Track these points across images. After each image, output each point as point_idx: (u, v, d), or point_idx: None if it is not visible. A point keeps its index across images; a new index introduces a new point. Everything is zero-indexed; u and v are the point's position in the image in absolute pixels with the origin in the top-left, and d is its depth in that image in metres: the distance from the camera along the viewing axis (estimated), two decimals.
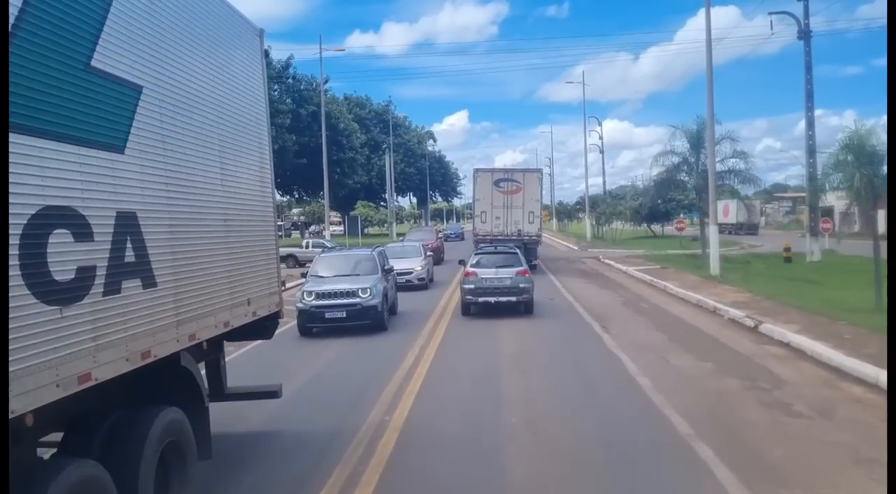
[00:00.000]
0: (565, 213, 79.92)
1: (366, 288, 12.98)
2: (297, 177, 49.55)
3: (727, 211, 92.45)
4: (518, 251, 16.82)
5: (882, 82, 22.22)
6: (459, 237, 52.62)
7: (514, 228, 25.47)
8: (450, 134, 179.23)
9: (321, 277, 13.88)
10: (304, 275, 14.46)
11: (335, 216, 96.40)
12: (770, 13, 27.69)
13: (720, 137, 25.89)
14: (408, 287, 19.08)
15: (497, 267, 15.02)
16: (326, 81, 47.91)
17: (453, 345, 11.86)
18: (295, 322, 13.16)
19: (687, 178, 27.35)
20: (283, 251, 31.67)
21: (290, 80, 46.69)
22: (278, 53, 47.83)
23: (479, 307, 14.88)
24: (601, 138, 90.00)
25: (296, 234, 68.74)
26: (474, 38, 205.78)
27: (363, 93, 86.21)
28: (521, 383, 9.12)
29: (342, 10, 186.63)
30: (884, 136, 12.62)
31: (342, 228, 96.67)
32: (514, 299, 14.61)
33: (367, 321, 12.91)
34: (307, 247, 31.14)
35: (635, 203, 52.19)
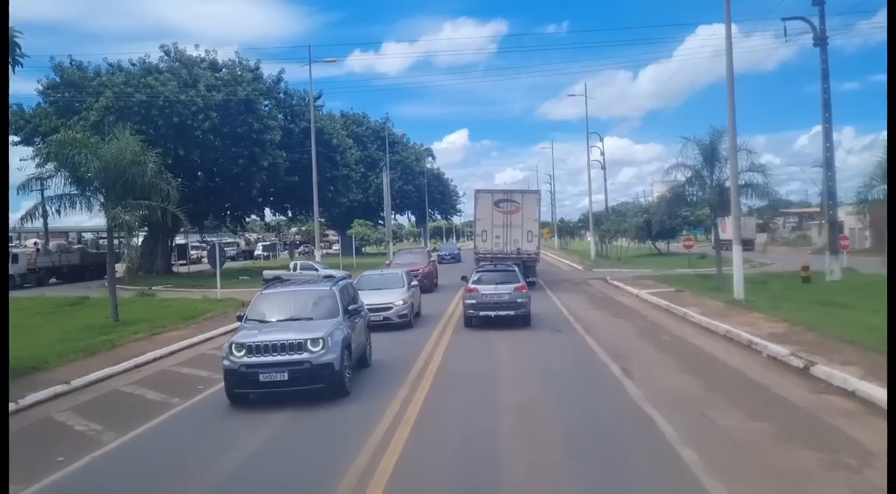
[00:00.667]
0: (567, 231, 78.04)
1: (318, 340, 9.38)
2: (290, 194, 47.66)
3: (725, 227, 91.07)
4: (517, 269, 17.56)
5: (880, 97, 19.90)
6: (456, 258, 48.04)
7: (514, 247, 26.12)
8: (450, 152, 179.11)
9: (262, 322, 10.34)
10: (239, 319, 10.86)
11: (333, 235, 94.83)
12: (784, 19, 25.96)
13: (736, 149, 24.11)
14: (386, 326, 15.71)
15: (496, 283, 16.24)
16: (318, 97, 46.40)
17: (436, 416, 8.70)
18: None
19: (700, 193, 25.41)
20: (269, 273, 29.71)
21: (282, 95, 45.01)
22: (270, 68, 46.35)
23: (480, 319, 16.09)
24: (602, 154, 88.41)
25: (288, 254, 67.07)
26: (474, 56, 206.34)
27: (362, 112, 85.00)
28: (527, 460, 6.94)
29: (342, 31, 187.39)
30: None
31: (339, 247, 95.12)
32: (512, 313, 15.70)
33: (318, 384, 9.34)
34: (294, 269, 29.14)
35: (639, 219, 50.42)
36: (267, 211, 51.96)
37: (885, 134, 20.03)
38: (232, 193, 43.83)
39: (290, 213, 54.03)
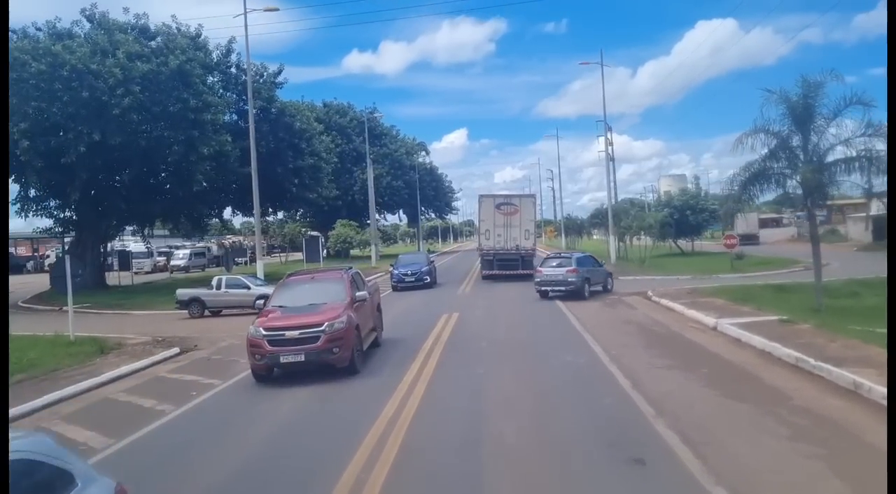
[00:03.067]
0: (574, 229, 70.16)
1: None
2: (246, 190, 39.71)
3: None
4: (571, 255, 23.26)
5: (879, 91, 15.92)
6: (424, 281, 28.80)
7: (513, 244, 29.71)
8: (449, 151, 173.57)
9: None
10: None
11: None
12: None
13: (844, 103, 16.42)
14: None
15: (554, 267, 21.97)
16: (279, 73, 38.63)
17: None
18: None
19: (787, 171, 17.57)
20: (184, 293, 21.87)
21: (233, 70, 37.20)
22: (214, 33, 38.41)
23: (542, 293, 21.16)
24: (611, 144, 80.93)
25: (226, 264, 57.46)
26: (472, 56, 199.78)
27: (347, 101, 77.25)
28: None
29: (340, 31, 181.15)
30: None
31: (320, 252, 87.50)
32: (562, 289, 21.11)
33: None
34: (218, 286, 21.29)
35: (660, 214, 42.77)
36: (234, 211, 43.94)
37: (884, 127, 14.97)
38: (174, 189, 36.02)
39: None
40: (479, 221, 31.26)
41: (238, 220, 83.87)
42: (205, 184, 36.43)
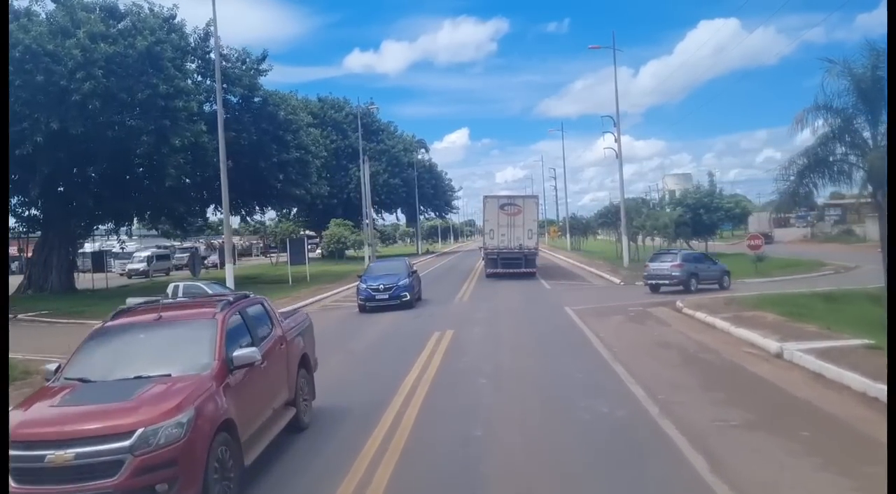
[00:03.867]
0: (579, 229, 67.08)
1: None
2: (229, 186, 36.66)
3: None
4: (678, 251, 24.34)
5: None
6: (401, 298, 20.76)
7: (517, 243, 30.26)
8: (450, 151, 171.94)
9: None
10: None
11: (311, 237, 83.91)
12: None
13: None
14: None
15: (660, 262, 22.68)
16: (262, 59, 35.59)
17: None
18: None
19: (852, 157, 14.52)
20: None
21: (212, 56, 34.13)
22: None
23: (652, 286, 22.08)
24: (617, 140, 78.36)
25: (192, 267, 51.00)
26: (473, 55, 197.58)
27: (343, 96, 74.34)
28: None
29: (341, 31, 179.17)
30: None
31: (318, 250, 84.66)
32: (667, 282, 21.90)
33: None
34: (174, 294, 18.14)
35: (675, 213, 39.78)
36: (216, 208, 40.89)
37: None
38: (149, 185, 33.02)
39: (242, 212, 42.98)
40: (484, 221, 32.17)
41: (235, 220, 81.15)
42: (187, 179, 33.64)
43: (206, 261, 51.43)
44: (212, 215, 41.51)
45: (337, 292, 28.94)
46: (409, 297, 20.67)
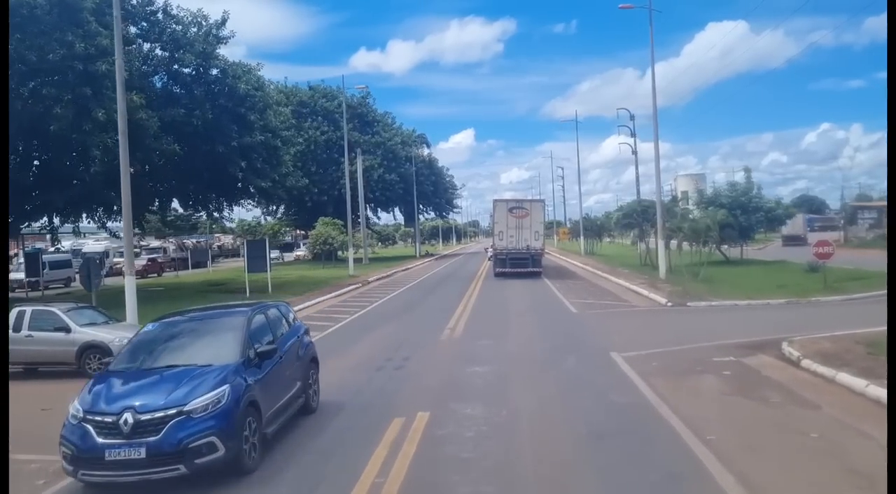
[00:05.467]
0: (594, 231, 60.76)
1: None
2: (186, 175, 30.57)
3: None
4: None
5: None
6: (172, 467, 6.67)
7: (524, 244, 32.18)
8: (456, 152, 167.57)
9: None
10: None
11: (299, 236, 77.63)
12: None
13: None
14: None
15: None
16: (223, 22, 29.32)
17: None
18: None
19: None
20: None
21: (160, 16, 28.03)
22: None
23: None
24: (634, 135, 71.91)
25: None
26: (480, 56, 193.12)
27: (336, 85, 68.06)
28: None
29: (348, 30, 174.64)
30: None
31: (303, 250, 78.47)
32: None
33: None
34: (17, 328, 11.90)
35: (718, 213, 33.64)
36: (163, 202, 34.53)
37: None
38: (75, 170, 26.84)
39: (210, 207, 36.63)
40: (493, 223, 34.02)
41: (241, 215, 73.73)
42: (150, 167, 27.35)
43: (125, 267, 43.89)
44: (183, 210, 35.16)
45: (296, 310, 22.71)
46: (221, 453, 6.63)
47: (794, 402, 8.63)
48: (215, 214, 38.27)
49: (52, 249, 39.12)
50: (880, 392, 8.44)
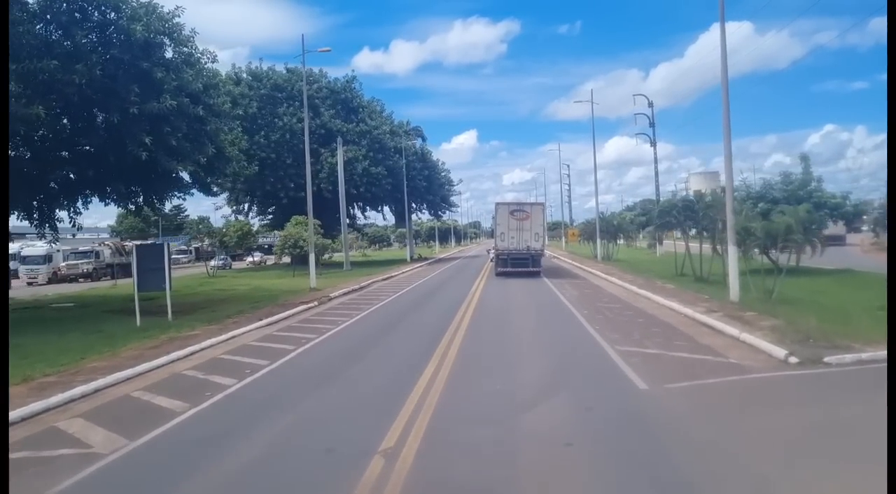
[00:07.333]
0: (609, 232, 52.75)
1: None
2: (74, 157, 22.59)
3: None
4: None
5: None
6: None
7: (525, 245, 33.99)
8: (459, 153, 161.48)
9: None
10: None
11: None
12: None
13: None
14: None
15: None
16: None
17: None
18: None
19: None
20: None
21: None
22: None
23: None
24: (653, 125, 63.79)
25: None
26: (483, 56, 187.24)
27: (319, 68, 60.20)
28: None
29: (351, 30, 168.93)
30: None
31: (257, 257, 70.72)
32: None
33: None
34: None
35: (802, 208, 25.64)
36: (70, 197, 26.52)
37: None
38: None
39: (136, 201, 28.52)
40: (496, 225, 35.59)
41: (219, 215, 65.50)
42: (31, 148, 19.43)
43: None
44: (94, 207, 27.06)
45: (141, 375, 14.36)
46: None
47: None
48: (146, 209, 30.20)
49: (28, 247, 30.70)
50: None
